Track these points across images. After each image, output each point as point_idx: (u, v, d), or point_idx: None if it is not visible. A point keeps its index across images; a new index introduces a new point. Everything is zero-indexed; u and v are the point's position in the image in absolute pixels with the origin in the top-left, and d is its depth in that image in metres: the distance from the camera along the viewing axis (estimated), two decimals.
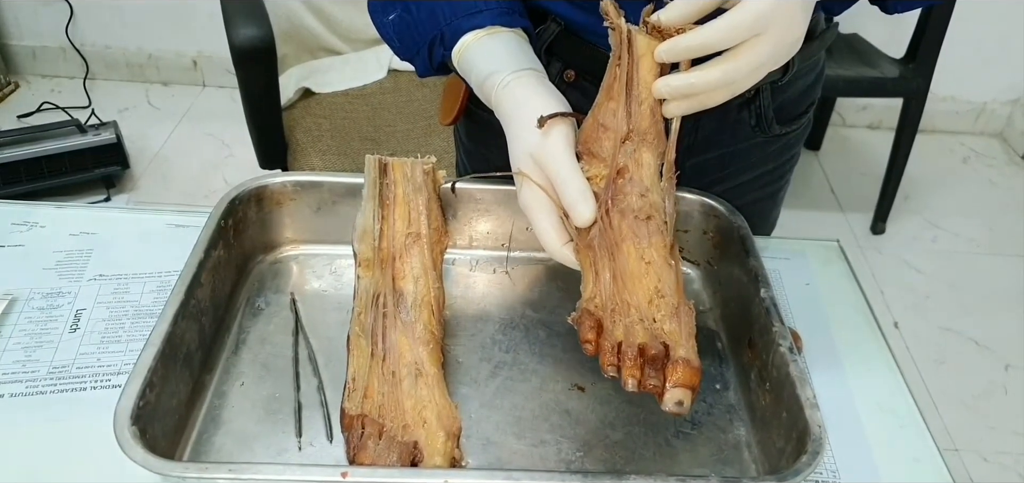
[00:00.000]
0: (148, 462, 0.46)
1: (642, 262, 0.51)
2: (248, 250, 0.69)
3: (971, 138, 2.45)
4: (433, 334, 0.56)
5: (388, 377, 0.53)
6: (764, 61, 0.49)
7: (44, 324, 0.65)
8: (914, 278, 1.90)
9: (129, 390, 0.49)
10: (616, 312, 0.50)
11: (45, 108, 2.25)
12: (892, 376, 0.64)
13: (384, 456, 0.50)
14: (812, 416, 0.49)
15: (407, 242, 0.57)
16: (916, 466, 0.56)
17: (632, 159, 0.54)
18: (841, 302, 0.71)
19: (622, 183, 0.54)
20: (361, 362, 0.55)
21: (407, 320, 0.55)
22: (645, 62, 0.53)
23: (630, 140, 0.54)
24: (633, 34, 0.54)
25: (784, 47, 0.50)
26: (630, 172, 0.54)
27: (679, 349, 0.48)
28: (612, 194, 0.54)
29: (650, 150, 0.55)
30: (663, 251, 0.52)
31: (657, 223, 0.53)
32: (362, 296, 0.57)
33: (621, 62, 0.54)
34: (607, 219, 0.53)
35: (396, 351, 0.54)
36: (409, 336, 0.54)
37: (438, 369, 0.55)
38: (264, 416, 0.56)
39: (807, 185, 2.22)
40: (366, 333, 0.55)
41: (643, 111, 0.54)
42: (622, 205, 0.53)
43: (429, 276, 0.57)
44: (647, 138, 0.54)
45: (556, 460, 0.55)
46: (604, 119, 0.55)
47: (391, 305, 0.55)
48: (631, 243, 0.52)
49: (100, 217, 0.76)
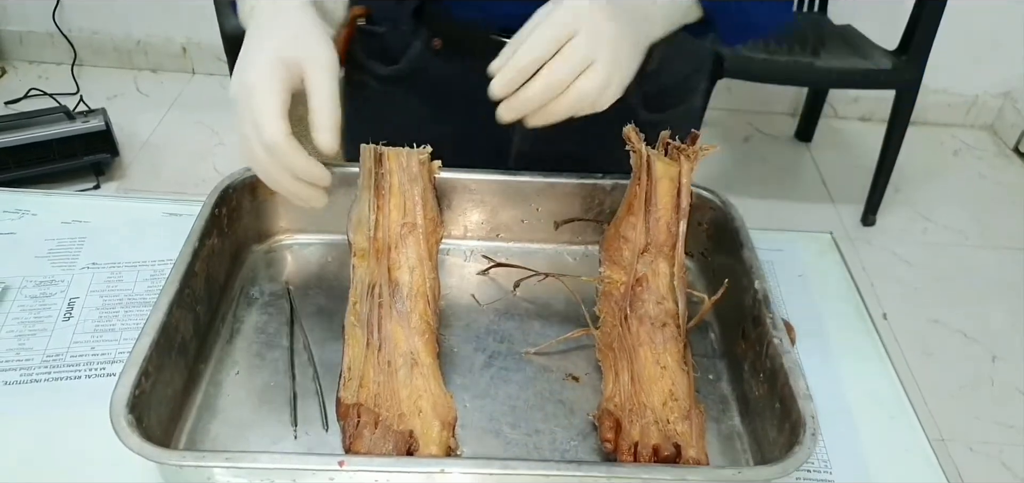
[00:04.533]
0: (144, 450, 0.46)
1: (657, 366, 0.56)
2: (242, 239, 0.69)
3: (962, 131, 2.47)
4: (428, 324, 0.56)
5: (384, 367, 0.53)
6: (580, 58, 0.51)
7: (37, 312, 0.64)
8: (903, 270, 1.92)
9: (125, 379, 0.49)
10: (633, 413, 0.54)
11: (32, 94, 2.22)
12: (883, 368, 0.64)
13: (380, 445, 0.50)
14: (805, 407, 0.50)
15: (402, 232, 0.57)
16: (906, 457, 0.57)
17: (650, 269, 0.59)
18: (834, 294, 0.72)
19: (640, 291, 0.59)
20: (356, 352, 0.55)
21: (402, 310, 0.55)
22: (663, 184, 0.60)
23: (648, 252, 0.60)
24: (652, 159, 0.60)
25: (603, 41, 0.51)
26: (648, 281, 0.59)
27: (690, 450, 0.52)
28: (631, 301, 0.58)
29: (666, 260, 0.59)
30: (677, 357, 0.56)
31: (672, 330, 0.57)
32: (357, 286, 0.57)
33: (641, 182, 0.60)
34: (626, 325, 0.58)
35: (392, 341, 0.54)
36: (404, 326, 0.55)
37: (434, 359, 0.55)
38: (259, 405, 0.56)
39: (798, 177, 2.23)
40: (361, 323, 0.55)
41: (660, 226, 0.60)
42: (640, 312, 0.58)
43: (424, 266, 0.57)
44: (663, 250, 0.60)
45: (550, 449, 0.55)
46: (625, 231, 0.61)
47: (386, 295, 0.55)
48: (648, 348, 0.56)
49: (92, 205, 0.76)
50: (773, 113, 2.46)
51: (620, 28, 0.53)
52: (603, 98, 0.53)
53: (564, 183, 0.70)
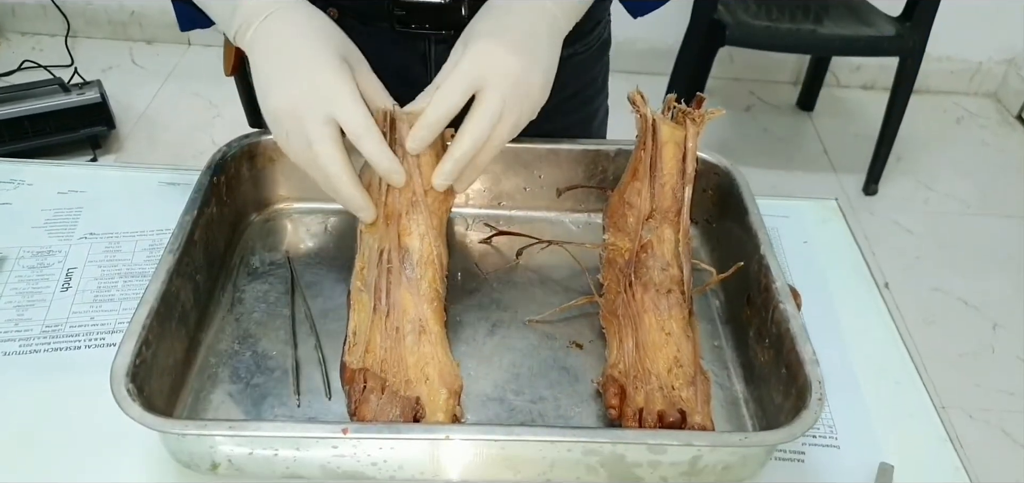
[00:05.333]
0: (146, 419, 0.46)
1: (662, 333, 0.55)
2: (241, 207, 0.68)
3: (965, 98, 2.45)
4: (437, 292, 0.55)
5: (391, 333, 0.53)
6: (494, 111, 0.52)
7: (35, 283, 0.64)
8: (905, 239, 1.91)
9: (124, 348, 0.48)
10: (638, 379, 0.53)
11: (26, 66, 2.20)
12: (889, 334, 0.64)
13: (386, 411, 0.49)
14: (813, 372, 0.49)
15: (413, 199, 0.56)
16: (911, 423, 0.57)
17: (655, 235, 0.59)
18: (838, 261, 0.71)
19: (645, 258, 0.58)
20: (362, 317, 0.54)
21: (411, 277, 0.54)
22: (668, 149, 0.59)
23: (653, 218, 0.59)
24: (658, 122, 0.59)
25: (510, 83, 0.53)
26: (653, 248, 0.58)
27: (695, 416, 0.51)
28: (635, 268, 0.58)
29: (671, 226, 0.59)
30: (682, 323, 0.55)
31: (677, 296, 0.56)
32: (365, 251, 0.57)
33: (646, 147, 0.59)
34: (631, 291, 0.57)
35: (400, 307, 0.54)
36: (413, 293, 0.54)
37: (441, 327, 0.54)
38: (261, 374, 0.56)
39: (800, 146, 2.21)
40: (368, 288, 0.55)
41: (665, 191, 0.59)
42: (644, 279, 0.57)
43: (434, 234, 0.56)
44: (668, 216, 0.59)
45: (555, 416, 0.55)
46: (629, 197, 0.60)
47: (396, 261, 0.55)
48: (652, 315, 0.56)
49: (89, 175, 0.75)
50: (775, 82, 2.44)
51: (524, 61, 0.54)
52: (514, 134, 0.55)
53: (567, 149, 0.69)
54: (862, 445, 0.55)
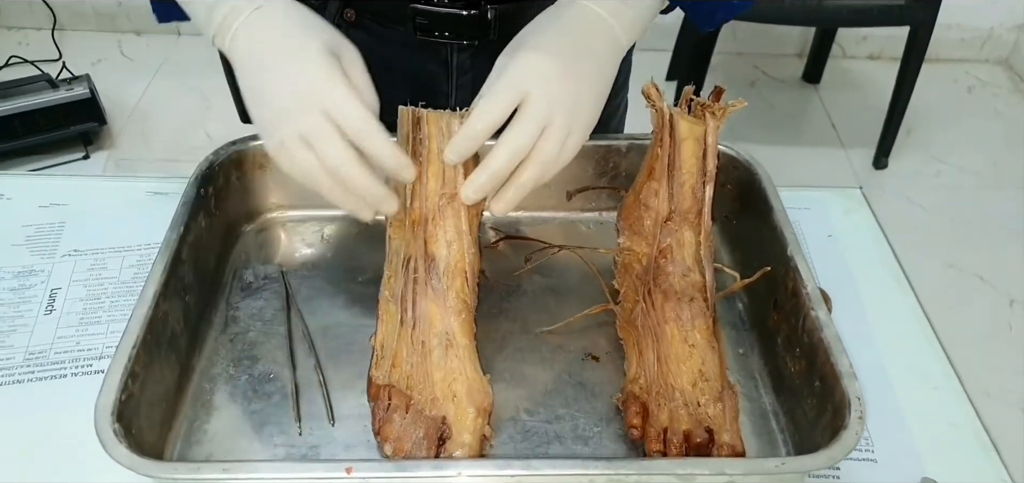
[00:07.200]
0: (134, 464, 0.42)
1: (685, 345, 0.51)
2: (231, 219, 0.64)
3: (976, 66, 2.39)
4: (466, 303, 0.52)
5: (417, 347, 0.50)
6: (537, 122, 0.47)
7: (17, 306, 0.60)
8: (918, 214, 1.87)
9: (109, 383, 0.45)
10: (661, 396, 0.50)
11: (13, 63, 2.15)
12: (923, 333, 0.61)
13: (410, 431, 0.47)
14: (850, 387, 0.46)
15: (441, 203, 0.52)
16: (953, 431, 0.53)
17: (675, 239, 0.55)
18: (866, 255, 0.67)
19: (664, 263, 0.54)
20: (389, 329, 0.51)
21: (438, 287, 0.51)
22: (687, 145, 0.54)
23: (672, 220, 0.55)
24: (675, 118, 0.55)
25: (557, 97, 0.48)
26: (672, 252, 0.54)
27: (723, 434, 0.48)
28: (654, 274, 0.54)
29: (691, 229, 0.55)
30: (706, 333, 0.52)
31: (700, 305, 0.53)
32: (392, 259, 0.54)
33: (663, 144, 0.55)
34: (649, 300, 0.53)
35: (426, 319, 0.50)
36: (440, 304, 0.51)
37: (470, 340, 0.51)
38: (259, 399, 0.53)
39: (807, 121, 2.16)
40: (396, 299, 0.52)
41: (685, 191, 0.55)
42: (664, 286, 0.53)
43: (464, 241, 0.52)
44: (688, 217, 0.55)
45: (573, 438, 0.51)
46: (646, 199, 0.56)
47: (422, 270, 0.51)
48: (674, 325, 0.52)
49: (72, 187, 0.71)
50: (780, 55, 2.38)
51: (573, 73, 0.49)
52: (564, 155, 0.49)
53: None
54: (902, 458, 0.52)
